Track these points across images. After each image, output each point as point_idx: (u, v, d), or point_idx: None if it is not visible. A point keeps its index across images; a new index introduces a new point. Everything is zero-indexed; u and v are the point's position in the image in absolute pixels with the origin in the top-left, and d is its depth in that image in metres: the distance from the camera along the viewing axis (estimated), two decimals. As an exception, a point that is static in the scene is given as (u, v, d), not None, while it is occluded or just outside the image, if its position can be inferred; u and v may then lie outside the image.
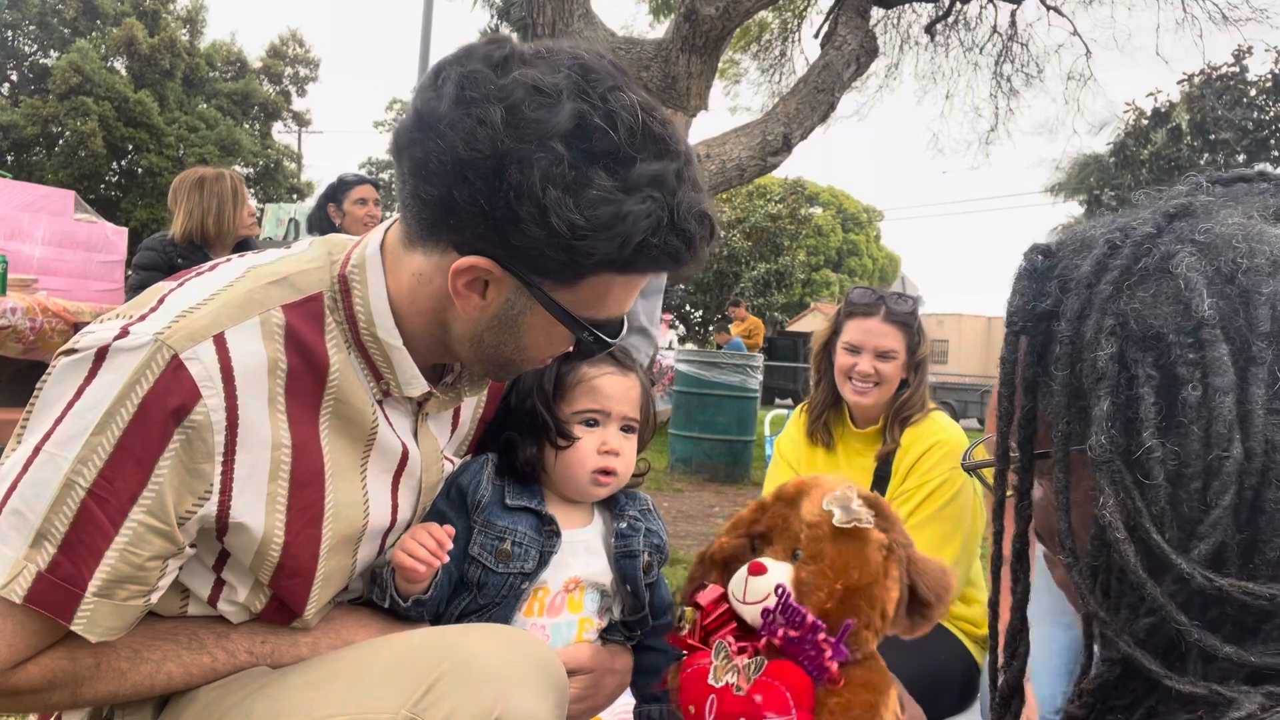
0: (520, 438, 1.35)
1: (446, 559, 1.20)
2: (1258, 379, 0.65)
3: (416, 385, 1.17)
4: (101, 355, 0.98)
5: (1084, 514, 0.72)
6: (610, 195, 0.96)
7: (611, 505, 1.43)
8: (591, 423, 1.36)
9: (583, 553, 1.37)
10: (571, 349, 1.18)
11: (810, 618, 1.21)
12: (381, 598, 1.23)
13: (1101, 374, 0.69)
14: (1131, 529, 0.68)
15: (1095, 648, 0.77)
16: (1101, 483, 0.69)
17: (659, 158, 0.99)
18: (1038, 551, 0.92)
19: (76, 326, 4.49)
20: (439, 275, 1.07)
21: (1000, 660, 0.87)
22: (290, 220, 10.07)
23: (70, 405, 0.98)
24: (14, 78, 28.64)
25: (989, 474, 0.93)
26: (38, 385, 1.02)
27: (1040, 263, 0.78)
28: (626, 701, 1.47)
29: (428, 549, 1.19)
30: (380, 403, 1.17)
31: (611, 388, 1.36)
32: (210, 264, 1.15)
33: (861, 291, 2.51)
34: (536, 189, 0.94)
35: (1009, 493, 0.83)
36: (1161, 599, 0.67)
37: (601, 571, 1.38)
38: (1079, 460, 0.73)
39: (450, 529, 1.23)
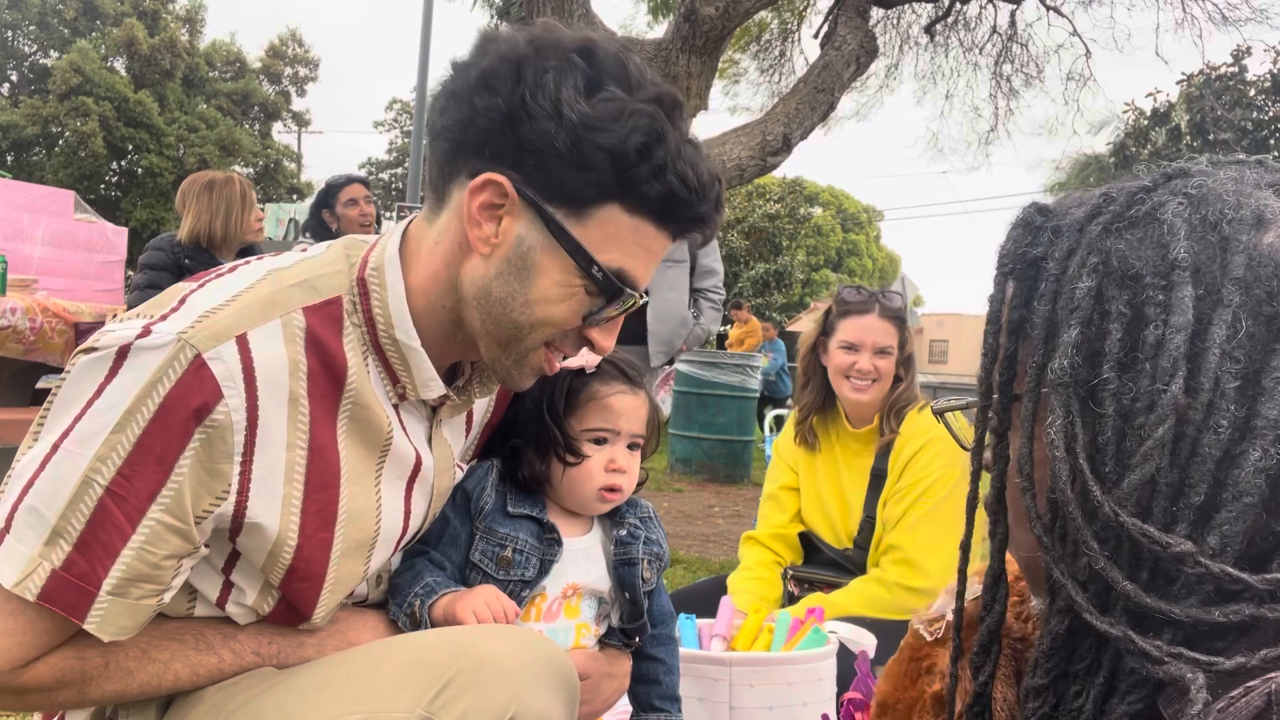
0: (527, 450, 1.35)
1: None
2: (1221, 320, 0.67)
3: (434, 387, 1.17)
4: (123, 354, 0.98)
5: (1045, 446, 0.74)
6: (617, 97, 1.04)
7: (611, 512, 1.42)
8: (600, 440, 1.36)
9: (581, 560, 1.37)
10: (581, 320, 1.11)
11: None
12: (411, 628, 1.22)
13: (1077, 305, 0.71)
14: (1068, 452, 0.70)
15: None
16: (1054, 404, 0.71)
17: (661, 96, 1.07)
18: None
19: (77, 326, 4.47)
20: (455, 221, 1.09)
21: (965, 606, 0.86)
22: (290, 220, 10.09)
23: (90, 403, 0.97)
24: (14, 78, 28.66)
25: (962, 427, 0.94)
26: (56, 383, 1.02)
27: (1036, 217, 0.79)
28: (626, 705, 1.47)
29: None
30: (396, 408, 1.17)
31: (623, 406, 1.36)
32: (229, 266, 1.15)
33: (852, 290, 2.52)
34: (551, 86, 1.02)
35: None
36: (1080, 521, 0.69)
37: (600, 578, 1.37)
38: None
39: (517, 609, 1.24)
